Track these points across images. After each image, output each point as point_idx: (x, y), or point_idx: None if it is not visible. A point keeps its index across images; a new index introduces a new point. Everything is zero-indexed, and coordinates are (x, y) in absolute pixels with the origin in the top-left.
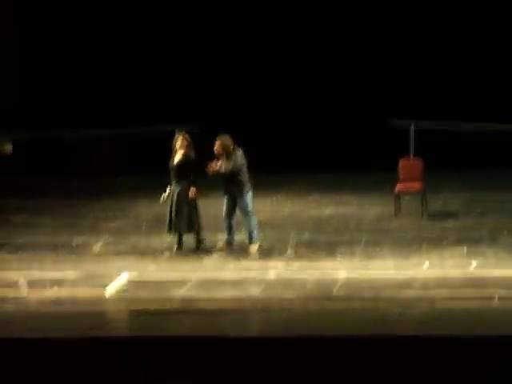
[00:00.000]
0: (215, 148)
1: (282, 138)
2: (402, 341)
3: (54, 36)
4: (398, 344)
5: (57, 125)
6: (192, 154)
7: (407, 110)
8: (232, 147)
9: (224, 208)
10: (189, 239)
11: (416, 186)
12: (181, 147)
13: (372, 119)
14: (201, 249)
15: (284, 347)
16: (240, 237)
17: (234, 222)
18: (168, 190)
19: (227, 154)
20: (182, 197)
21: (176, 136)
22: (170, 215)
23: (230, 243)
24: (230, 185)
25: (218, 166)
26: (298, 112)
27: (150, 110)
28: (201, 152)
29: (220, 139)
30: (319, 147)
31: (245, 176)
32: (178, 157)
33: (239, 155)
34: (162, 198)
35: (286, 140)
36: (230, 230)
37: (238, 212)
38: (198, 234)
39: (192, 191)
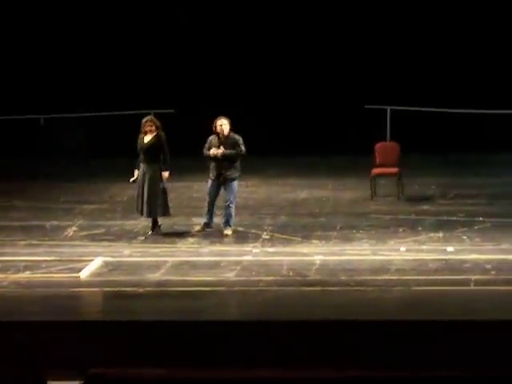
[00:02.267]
0: (221, 127)
1: (258, 122)
2: (378, 325)
3: (28, 18)
4: (374, 328)
5: (31, 108)
6: (163, 136)
7: (383, 95)
8: None
9: (208, 192)
10: (164, 222)
11: (392, 169)
12: (150, 129)
13: (348, 102)
14: (156, 232)
15: (260, 331)
16: (215, 220)
17: (215, 206)
18: (137, 171)
19: (226, 136)
20: (155, 180)
21: (144, 119)
22: (142, 198)
23: (208, 226)
24: (225, 169)
25: (222, 148)
26: (274, 96)
27: (124, 94)
28: (173, 134)
29: (226, 119)
30: (294, 130)
31: (239, 162)
32: (148, 138)
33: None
34: (133, 178)
35: (262, 123)
36: (210, 214)
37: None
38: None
39: (165, 175)
